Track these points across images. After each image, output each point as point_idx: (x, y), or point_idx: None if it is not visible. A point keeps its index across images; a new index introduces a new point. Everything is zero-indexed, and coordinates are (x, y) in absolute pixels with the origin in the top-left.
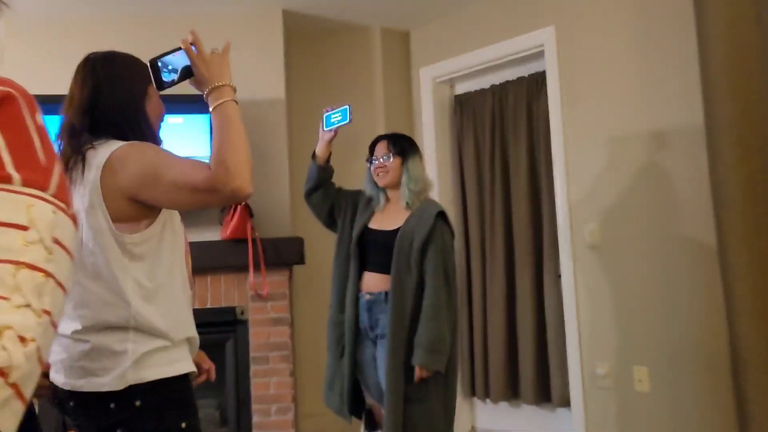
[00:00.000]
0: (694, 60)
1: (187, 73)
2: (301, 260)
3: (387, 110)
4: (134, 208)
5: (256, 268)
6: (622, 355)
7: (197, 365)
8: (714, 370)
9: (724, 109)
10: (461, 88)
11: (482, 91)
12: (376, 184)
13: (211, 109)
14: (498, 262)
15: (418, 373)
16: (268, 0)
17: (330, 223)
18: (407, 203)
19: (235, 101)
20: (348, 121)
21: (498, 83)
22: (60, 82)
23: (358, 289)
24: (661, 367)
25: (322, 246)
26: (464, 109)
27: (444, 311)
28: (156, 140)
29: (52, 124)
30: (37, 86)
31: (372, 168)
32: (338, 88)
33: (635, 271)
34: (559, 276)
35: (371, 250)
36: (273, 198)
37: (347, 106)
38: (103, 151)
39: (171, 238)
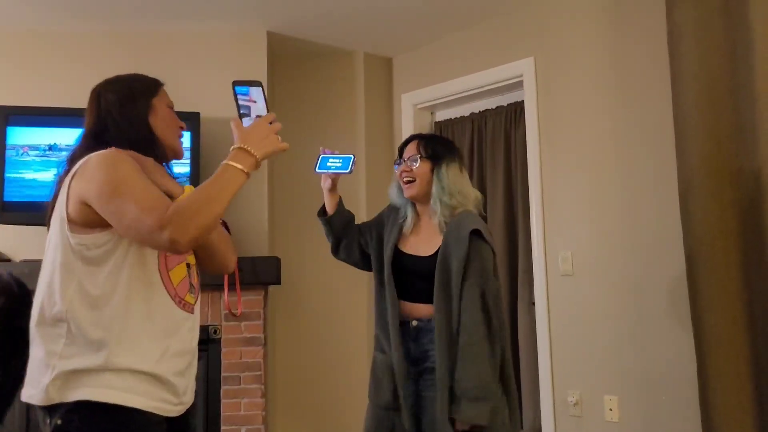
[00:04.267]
0: (667, 94)
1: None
2: (277, 280)
3: (368, 134)
4: (89, 213)
5: (231, 286)
6: (593, 384)
7: None
8: (683, 401)
9: (696, 142)
10: (441, 115)
11: (462, 118)
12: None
13: (222, 162)
14: None
15: (458, 427)
16: (253, 21)
17: (367, 265)
18: (444, 221)
19: (248, 175)
20: (348, 171)
21: (477, 111)
22: (46, 95)
23: (401, 317)
24: (631, 396)
25: (299, 266)
26: (444, 135)
27: (482, 349)
28: (163, 152)
29: (36, 135)
30: (22, 99)
31: (398, 172)
32: (320, 110)
33: (607, 301)
34: (533, 303)
35: (406, 278)
36: (251, 217)
37: (352, 156)
38: (83, 159)
39: (135, 255)
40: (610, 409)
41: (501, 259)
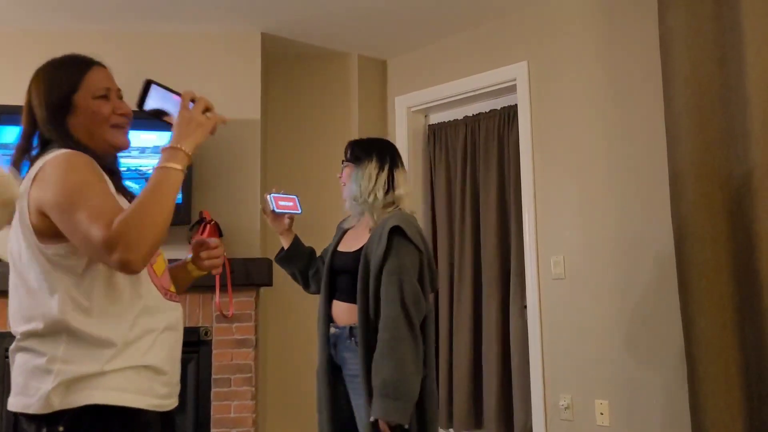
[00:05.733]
0: (660, 99)
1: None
2: (269, 282)
3: (362, 136)
4: (51, 224)
5: (223, 288)
6: (584, 388)
7: None
8: (673, 405)
9: (687, 147)
10: (435, 118)
11: (455, 121)
12: None
13: (155, 166)
14: (465, 290)
15: (381, 426)
16: (247, 22)
17: None
18: (374, 219)
19: (183, 171)
20: (299, 212)
21: (471, 115)
22: None
23: (329, 321)
24: (622, 401)
25: None
26: (437, 138)
27: (403, 347)
28: (96, 152)
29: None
30: (18, 98)
31: None
32: (314, 112)
33: (599, 304)
34: (525, 306)
35: (338, 275)
36: (243, 218)
37: (296, 196)
38: (39, 162)
39: None
40: (601, 414)
41: (494, 261)
